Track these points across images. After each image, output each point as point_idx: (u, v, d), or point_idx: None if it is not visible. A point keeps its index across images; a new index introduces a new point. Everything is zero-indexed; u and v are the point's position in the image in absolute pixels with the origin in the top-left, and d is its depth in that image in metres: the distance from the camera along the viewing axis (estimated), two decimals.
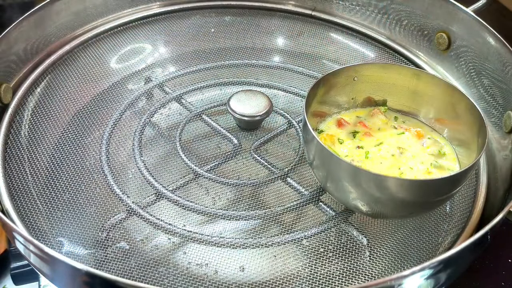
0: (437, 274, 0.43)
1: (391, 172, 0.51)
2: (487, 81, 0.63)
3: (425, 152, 0.53)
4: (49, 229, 0.50)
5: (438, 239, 0.52)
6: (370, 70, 0.57)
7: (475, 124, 0.51)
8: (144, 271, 0.47)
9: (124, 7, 0.74)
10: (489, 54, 0.62)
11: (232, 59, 0.72)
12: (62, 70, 0.67)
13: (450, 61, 0.69)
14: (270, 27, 0.78)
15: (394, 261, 0.49)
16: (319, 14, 0.79)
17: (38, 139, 0.59)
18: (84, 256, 0.48)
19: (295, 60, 0.72)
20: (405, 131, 0.55)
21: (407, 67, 0.58)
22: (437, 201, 0.49)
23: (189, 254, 0.49)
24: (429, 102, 0.57)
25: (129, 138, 0.59)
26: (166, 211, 0.52)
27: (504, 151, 0.58)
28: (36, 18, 0.64)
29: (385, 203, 0.47)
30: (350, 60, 0.73)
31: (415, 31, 0.73)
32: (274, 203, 0.53)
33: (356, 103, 0.58)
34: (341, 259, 0.49)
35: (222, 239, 0.49)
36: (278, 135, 0.61)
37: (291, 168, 0.56)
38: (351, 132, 0.55)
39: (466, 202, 0.55)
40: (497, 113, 0.61)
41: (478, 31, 0.64)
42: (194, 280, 0.47)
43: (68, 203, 0.53)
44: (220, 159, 0.57)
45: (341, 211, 0.52)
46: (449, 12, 0.67)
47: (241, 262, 0.48)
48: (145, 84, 0.67)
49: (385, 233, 0.52)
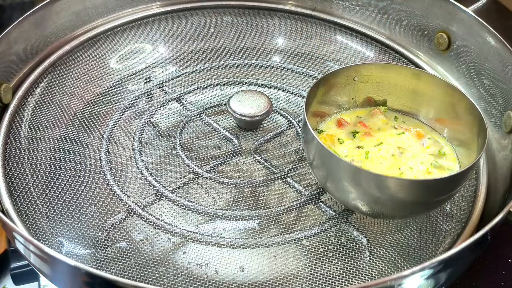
0: (437, 274, 0.43)
1: (391, 172, 0.51)
2: (487, 81, 0.63)
3: (425, 152, 0.53)
4: (49, 229, 0.50)
5: (438, 239, 0.52)
6: (370, 70, 0.57)
7: (475, 124, 0.51)
8: (144, 271, 0.47)
9: (124, 7, 0.74)
10: (489, 54, 0.62)
11: (232, 59, 0.72)
12: (62, 70, 0.67)
13: (450, 61, 0.69)
14: (270, 27, 0.78)
15: (394, 261, 0.49)
16: (319, 14, 0.79)
17: (38, 139, 0.59)
18: (84, 256, 0.48)
19: (295, 60, 0.72)
20: (405, 131, 0.55)
21: (407, 67, 0.58)
22: (437, 201, 0.49)
23: (189, 254, 0.49)
24: (429, 102, 0.57)
25: (129, 138, 0.59)
26: (166, 211, 0.52)
27: (504, 151, 0.58)
28: (36, 18, 0.64)
29: (385, 203, 0.47)
30: (350, 60, 0.73)
31: (415, 31, 0.73)
32: (274, 203, 0.53)
33: (356, 103, 0.58)
34: (341, 259, 0.49)
35: (222, 239, 0.49)
36: (278, 135, 0.61)
37: (291, 168, 0.56)
38: (351, 132, 0.55)
39: (466, 202, 0.55)
40: (497, 113, 0.61)
41: (478, 31, 0.64)
42: (194, 280, 0.47)
43: (68, 203, 0.53)
44: (220, 159, 0.57)
45: (341, 211, 0.52)
46: (449, 12, 0.67)
47: (241, 262, 0.48)
48: (145, 84, 0.67)
49: (385, 233, 0.52)
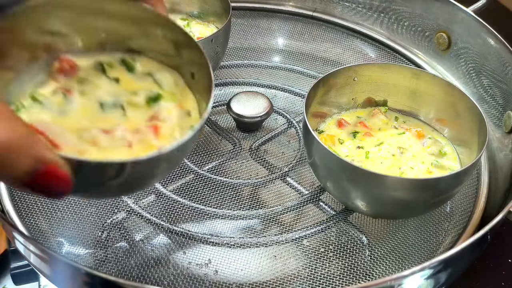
0: (437, 274, 0.43)
1: (392, 172, 0.50)
2: (487, 81, 0.63)
3: (425, 152, 0.53)
4: (49, 229, 0.50)
5: (438, 239, 0.52)
6: (370, 70, 0.56)
7: (475, 124, 0.51)
8: (144, 271, 0.47)
9: None
10: (489, 54, 0.62)
11: (232, 59, 0.72)
12: None
13: (450, 61, 0.69)
14: (271, 28, 0.78)
15: (394, 261, 0.49)
16: (320, 15, 0.79)
17: None
18: (84, 256, 0.48)
19: (296, 61, 0.72)
20: (406, 131, 0.55)
21: (407, 67, 0.58)
22: (438, 201, 0.49)
23: (189, 254, 0.49)
24: (429, 102, 0.56)
25: None
26: (166, 211, 0.52)
27: (505, 151, 0.58)
28: None
29: (385, 203, 0.47)
30: (350, 60, 0.73)
31: (415, 31, 0.73)
32: (274, 203, 0.53)
33: (356, 103, 0.58)
34: (341, 259, 0.49)
35: (222, 239, 0.49)
36: (278, 135, 0.61)
37: (291, 167, 0.56)
38: (351, 132, 0.55)
39: (467, 201, 0.55)
40: (497, 113, 0.61)
41: (478, 31, 0.64)
42: (194, 280, 0.47)
43: (68, 203, 0.53)
44: (220, 159, 0.57)
45: (341, 211, 0.52)
46: (449, 12, 0.67)
47: (241, 262, 0.48)
48: None
49: (385, 233, 0.52)
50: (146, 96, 0.41)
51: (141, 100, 0.41)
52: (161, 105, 0.41)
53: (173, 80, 0.43)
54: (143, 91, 0.42)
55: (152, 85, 0.42)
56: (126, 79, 0.43)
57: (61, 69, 0.41)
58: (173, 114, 0.41)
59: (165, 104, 0.41)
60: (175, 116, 0.41)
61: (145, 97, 0.41)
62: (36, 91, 0.40)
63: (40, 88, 0.40)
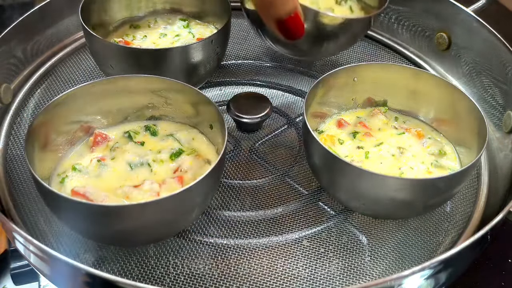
0: (437, 274, 0.43)
1: (392, 172, 0.51)
2: (487, 81, 0.63)
3: (425, 152, 0.53)
4: (49, 229, 0.50)
5: (438, 239, 0.51)
6: (370, 70, 0.57)
7: (475, 123, 0.51)
8: (144, 271, 0.47)
9: None
10: (489, 54, 0.62)
11: (232, 59, 0.72)
12: (63, 71, 0.67)
13: (450, 61, 0.69)
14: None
15: (394, 261, 0.49)
16: None
17: None
18: (84, 256, 0.48)
19: (295, 60, 0.72)
20: (405, 131, 0.55)
21: (407, 67, 0.58)
22: (438, 201, 0.49)
23: (189, 254, 0.49)
24: (429, 102, 0.57)
25: None
26: None
27: (505, 151, 0.58)
28: (36, 18, 0.64)
29: (385, 203, 0.47)
30: (350, 60, 0.73)
31: (415, 31, 0.73)
32: (274, 203, 0.53)
33: (356, 103, 0.58)
34: (341, 259, 0.49)
35: (222, 239, 0.49)
36: (278, 135, 0.61)
37: (291, 168, 0.56)
38: (351, 132, 0.55)
39: (467, 202, 0.55)
40: (497, 113, 0.61)
41: (478, 31, 0.64)
42: (194, 280, 0.47)
43: None
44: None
45: (340, 211, 0.52)
46: (449, 12, 0.67)
47: (241, 262, 0.48)
48: None
49: (385, 233, 0.52)
50: (169, 152, 0.51)
51: (166, 157, 0.50)
52: (183, 158, 0.50)
53: (191, 137, 0.53)
54: (166, 149, 0.51)
55: (173, 143, 0.52)
56: (150, 141, 0.53)
57: (96, 142, 0.52)
58: (194, 164, 0.50)
59: (186, 157, 0.50)
60: (196, 166, 0.50)
61: (169, 153, 0.50)
62: (77, 162, 0.50)
63: (80, 159, 0.50)
